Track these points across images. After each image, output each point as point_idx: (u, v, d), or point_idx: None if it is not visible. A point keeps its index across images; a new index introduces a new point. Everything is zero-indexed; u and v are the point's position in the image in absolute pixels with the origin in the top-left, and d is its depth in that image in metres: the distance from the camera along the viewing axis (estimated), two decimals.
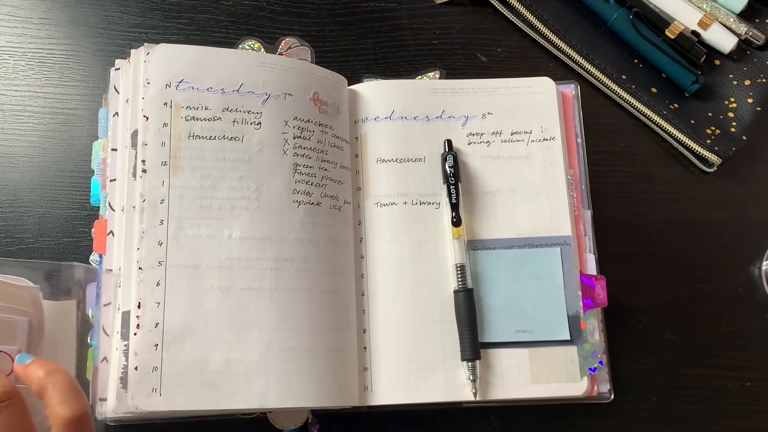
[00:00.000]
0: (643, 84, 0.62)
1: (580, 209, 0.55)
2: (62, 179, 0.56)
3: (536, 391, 0.51)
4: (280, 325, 0.49)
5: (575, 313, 0.52)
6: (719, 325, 0.57)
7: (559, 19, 0.63)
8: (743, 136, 0.61)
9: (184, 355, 0.47)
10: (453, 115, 0.57)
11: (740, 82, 0.63)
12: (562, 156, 0.56)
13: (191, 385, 0.46)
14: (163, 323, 0.47)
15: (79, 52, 0.60)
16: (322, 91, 0.55)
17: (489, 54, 0.63)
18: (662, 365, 0.56)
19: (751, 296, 0.58)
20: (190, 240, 0.49)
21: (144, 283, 0.47)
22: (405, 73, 0.62)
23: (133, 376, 0.46)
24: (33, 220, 0.55)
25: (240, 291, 0.49)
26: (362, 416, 0.52)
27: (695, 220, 0.60)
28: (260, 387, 0.47)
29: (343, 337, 0.51)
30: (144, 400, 0.45)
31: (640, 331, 0.57)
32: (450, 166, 0.54)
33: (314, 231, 0.51)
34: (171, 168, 0.50)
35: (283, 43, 0.60)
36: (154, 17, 0.61)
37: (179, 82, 0.51)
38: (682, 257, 0.59)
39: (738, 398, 0.56)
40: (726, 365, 0.57)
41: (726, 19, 0.63)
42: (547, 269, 0.53)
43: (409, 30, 0.63)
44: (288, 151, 0.52)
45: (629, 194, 0.60)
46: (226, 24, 0.62)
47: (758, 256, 0.59)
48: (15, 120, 0.57)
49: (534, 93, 0.58)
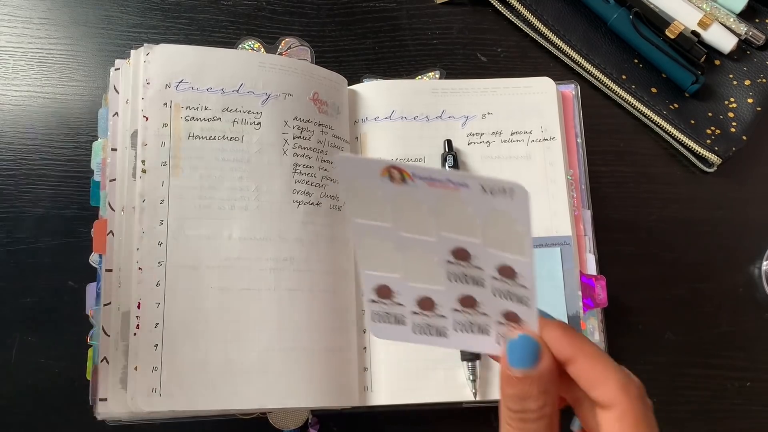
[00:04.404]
0: (643, 84, 0.62)
1: (580, 209, 0.55)
2: (62, 179, 0.56)
3: None
4: (280, 326, 0.49)
5: (575, 314, 0.52)
6: (719, 325, 0.58)
7: (559, 19, 0.63)
8: (743, 136, 0.61)
9: (183, 356, 0.47)
10: (453, 115, 0.57)
11: (740, 82, 0.63)
12: (562, 156, 0.56)
13: (191, 386, 0.46)
14: (162, 323, 0.47)
15: (79, 52, 0.60)
16: (322, 91, 0.55)
17: (489, 54, 0.63)
18: (662, 365, 0.56)
19: (751, 296, 0.58)
20: (189, 240, 0.49)
21: (144, 284, 0.47)
22: (405, 73, 0.62)
23: (133, 376, 0.46)
24: (33, 220, 0.55)
25: (240, 291, 0.49)
26: (362, 416, 0.52)
27: (695, 220, 0.60)
28: (260, 387, 0.47)
29: (343, 337, 0.51)
30: (144, 401, 0.45)
31: (640, 331, 0.57)
32: (450, 166, 0.54)
33: (314, 231, 0.51)
34: (171, 168, 0.50)
35: (283, 43, 0.60)
36: (154, 17, 0.61)
37: (179, 83, 0.51)
38: (682, 257, 0.59)
39: (738, 398, 0.56)
40: (726, 365, 0.57)
41: (726, 19, 0.63)
42: (547, 269, 0.53)
43: (409, 30, 0.63)
44: (288, 151, 0.52)
45: (629, 194, 0.60)
46: (226, 24, 0.62)
47: (758, 256, 0.59)
48: (15, 120, 0.57)
49: (534, 93, 0.57)
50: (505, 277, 0.30)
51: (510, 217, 0.28)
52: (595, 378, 0.30)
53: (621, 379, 0.30)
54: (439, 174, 0.28)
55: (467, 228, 0.30)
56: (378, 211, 0.30)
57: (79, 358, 0.51)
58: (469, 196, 0.28)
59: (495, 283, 0.31)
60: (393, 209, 0.30)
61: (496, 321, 0.32)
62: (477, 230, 0.29)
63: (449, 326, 0.33)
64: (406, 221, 0.30)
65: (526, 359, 0.30)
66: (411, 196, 0.29)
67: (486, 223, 0.29)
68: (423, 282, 0.31)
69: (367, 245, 0.31)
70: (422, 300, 0.32)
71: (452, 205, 0.29)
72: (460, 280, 0.31)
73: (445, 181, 0.28)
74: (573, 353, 0.30)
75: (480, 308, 0.32)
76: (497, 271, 0.30)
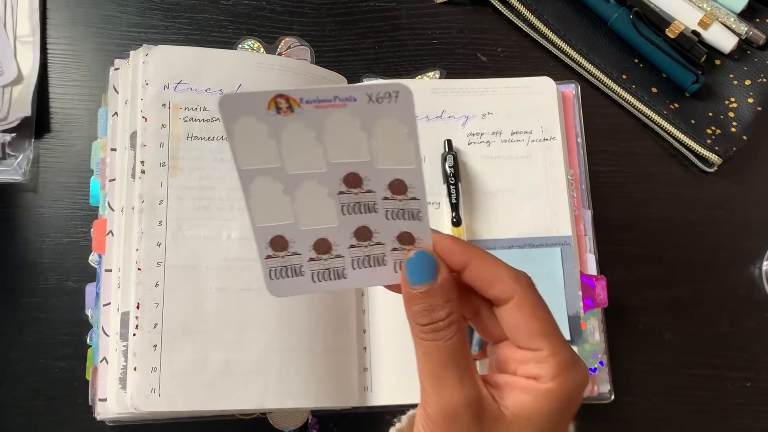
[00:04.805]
0: (644, 84, 0.62)
1: (580, 209, 0.55)
2: (61, 179, 0.56)
3: None
4: (279, 326, 0.49)
5: (575, 314, 0.52)
6: (719, 325, 0.57)
7: (559, 18, 0.63)
8: (743, 136, 0.61)
9: (183, 356, 0.47)
10: (453, 115, 0.57)
11: (741, 81, 0.62)
12: (562, 156, 0.56)
13: (190, 386, 0.46)
14: (162, 324, 0.47)
15: (79, 52, 0.60)
16: None
17: (489, 54, 0.63)
18: (662, 365, 0.56)
19: (751, 296, 0.58)
20: (188, 241, 0.49)
21: (143, 284, 0.47)
22: (405, 73, 0.62)
23: (133, 376, 0.46)
24: (33, 220, 0.55)
25: (239, 291, 0.49)
26: (362, 416, 0.52)
27: (695, 220, 0.60)
28: (259, 387, 0.47)
29: (342, 337, 0.51)
30: (143, 401, 0.45)
31: (640, 331, 0.57)
32: (450, 166, 0.54)
33: None
34: (170, 169, 0.50)
35: (283, 42, 0.60)
36: (154, 17, 0.61)
37: (177, 84, 0.51)
38: (682, 257, 0.59)
39: (738, 398, 0.56)
40: (726, 365, 0.57)
41: (726, 18, 0.63)
42: (548, 269, 0.53)
43: (409, 30, 0.63)
44: None
45: (629, 194, 0.60)
46: (226, 24, 0.62)
47: (758, 256, 0.59)
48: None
49: (534, 93, 0.57)
50: (397, 194, 0.32)
51: (396, 123, 0.30)
52: (489, 276, 0.33)
53: (512, 272, 0.33)
54: (326, 93, 0.29)
55: (356, 149, 0.30)
56: (265, 153, 0.30)
57: (79, 358, 0.51)
58: (357, 109, 0.29)
59: (387, 204, 0.32)
60: (281, 147, 0.30)
61: (391, 248, 0.33)
62: (366, 148, 0.30)
63: (347, 265, 0.34)
64: (295, 157, 0.30)
65: (426, 273, 0.32)
66: (299, 126, 0.29)
67: (374, 136, 0.30)
68: (317, 222, 0.32)
69: (257, 194, 0.31)
70: (318, 243, 0.33)
71: (341, 125, 0.30)
72: (353, 211, 0.32)
73: (333, 99, 0.29)
74: (466, 259, 0.33)
75: (375, 238, 0.33)
76: (389, 189, 0.32)
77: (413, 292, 0.32)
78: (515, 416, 0.32)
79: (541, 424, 0.32)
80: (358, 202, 0.32)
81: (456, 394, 0.31)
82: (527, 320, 0.32)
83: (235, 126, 0.29)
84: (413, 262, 0.32)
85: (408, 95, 0.29)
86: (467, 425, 0.31)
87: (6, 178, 0.56)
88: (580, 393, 0.33)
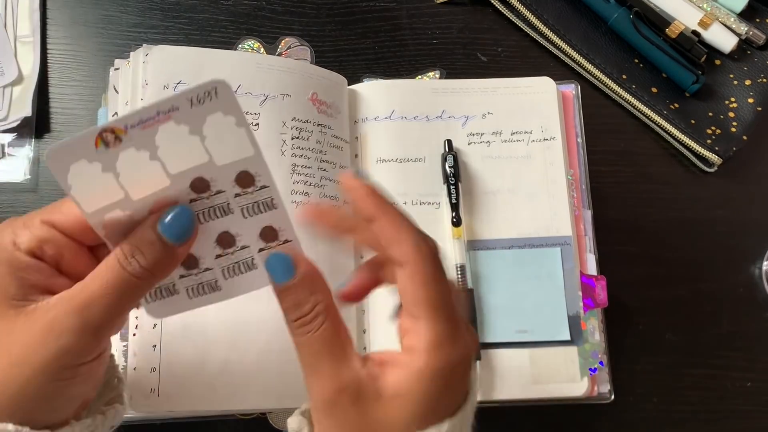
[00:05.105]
0: (644, 84, 0.62)
1: (580, 209, 0.55)
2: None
3: (536, 392, 0.51)
4: (278, 326, 0.48)
5: (575, 314, 0.52)
6: (719, 325, 0.57)
7: (559, 18, 0.63)
8: (744, 136, 0.61)
9: (182, 356, 0.47)
10: (453, 115, 0.57)
11: (741, 81, 0.62)
12: (563, 156, 0.56)
13: (190, 386, 0.46)
14: (161, 324, 0.47)
15: (79, 52, 0.60)
16: (320, 91, 0.55)
17: (489, 54, 0.63)
18: (662, 365, 0.56)
19: (751, 296, 0.58)
20: None
21: None
22: (405, 73, 0.62)
23: (132, 376, 0.46)
24: None
25: None
26: None
27: (695, 220, 0.60)
28: (259, 388, 0.47)
29: None
30: (143, 401, 0.45)
31: (640, 331, 0.57)
32: (450, 166, 0.54)
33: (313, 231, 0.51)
34: None
35: (283, 42, 0.60)
36: (154, 17, 0.61)
37: (177, 84, 0.51)
38: (682, 257, 0.59)
39: (738, 398, 0.56)
40: (726, 365, 0.56)
41: (726, 18, 0.63)
42: (548, 269, 0.53)
43: (409, 30, 0.63)
44: (286, 151, 0.52)
45: (629, 194, 0.60)
46: (226, 24, 0.62)
47: (758, 256, 0.59)
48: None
49: (534, 93, 0.57)
50: (246, 186, 0.32)
51: (222, 117, 0.30)
52: (391, 236, 0.33)
53: (415, 238, 0.33)
54: (148, 111, 0.29)
55: (192, 154, 0.30)
56: (106, 190, 0.30)
57: None
58: (182, 117, 0.29)
59: (240, 201, 0.32)
60: (120, 178, 0.30)
61: (258, 249, 0.33)
62: (201, 150, 0.30)
63: (219, 276, 0.34)
64: (136, 183, 0.30)
65: (285, 272, 0.33)
66: (132, 152, 0.29)
67: (207, 136, 0.30)
68: None
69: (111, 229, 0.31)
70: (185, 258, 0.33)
71: (171, 137, 0.29)
72: (210, 217, 0.32)
73: (156, 115, 0.29)
74: (375, 213, 0.33)
75: (239, 242, 0.33)
76: (237, 184, 0.32)
77: (278, 290, 0.33)
78: (393, 395, 0.32)
79: (418, 402, 0.32)
80: (212, 206, 0.32)
81: (331, 382, 0.32)
82: (415, 288, 0.32)
83: (69, 175, 0.29)
84: (270, 263, 0.33)
85: (225, 87, 0.29)
86: (347, 408, 0.32)
87: (6, 178, 0.56)
88: (459, 369, 0.33)
